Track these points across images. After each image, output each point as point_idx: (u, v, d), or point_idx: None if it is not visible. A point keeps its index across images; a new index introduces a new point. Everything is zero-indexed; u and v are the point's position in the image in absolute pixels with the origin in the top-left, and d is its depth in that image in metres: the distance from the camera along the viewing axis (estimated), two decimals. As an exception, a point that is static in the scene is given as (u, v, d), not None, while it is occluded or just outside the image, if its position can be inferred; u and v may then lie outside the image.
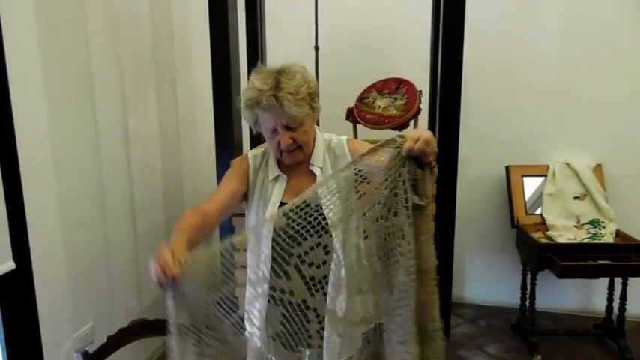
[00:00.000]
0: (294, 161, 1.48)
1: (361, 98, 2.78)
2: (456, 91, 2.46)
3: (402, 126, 2.58)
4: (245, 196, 1.54)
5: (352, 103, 2.79)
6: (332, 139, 1.53)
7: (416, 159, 1.18)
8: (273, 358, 1.48)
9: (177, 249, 1.17)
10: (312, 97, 1.43)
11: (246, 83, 1.45)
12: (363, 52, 3.18)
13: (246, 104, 1.41)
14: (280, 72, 1.40)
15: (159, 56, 2.83)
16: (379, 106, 2.69)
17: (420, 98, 2.61)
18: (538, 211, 3.02)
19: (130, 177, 2.51)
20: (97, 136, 2.22)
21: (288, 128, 1.41)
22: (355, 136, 2.85)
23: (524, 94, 3.13)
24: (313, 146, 1.49)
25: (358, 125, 2.81)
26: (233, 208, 1.57)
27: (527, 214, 3.02)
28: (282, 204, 1.46)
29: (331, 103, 3.00)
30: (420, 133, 1.19)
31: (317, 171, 1.48)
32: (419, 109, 2.61)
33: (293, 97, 1.36)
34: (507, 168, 3.09)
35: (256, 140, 1.52)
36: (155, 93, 2.80)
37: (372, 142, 1.35)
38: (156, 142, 2.80)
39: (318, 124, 1.56)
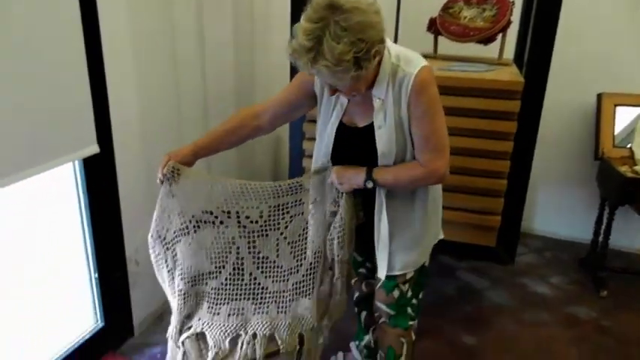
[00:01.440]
0: (348, 97, 1.45)
1: (446, 8, 2.60)
2: (554, 6, 2.24)
3: (489, 39, 2.41)
4: (309, 103, 1.58)
5: (435, 13, 2.62)
6: (399, 66, 1.37)
7: None
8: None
9: (178, 156, 1.53)
10: (364, 56, 1.24)
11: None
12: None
13: (289, 56, 1.29)
14: (328, 22, 1.20)
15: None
16: (465, 17, 2.52)
17: (511, 10, 2.41)
18: (628, 146, 2.79)
19: (204, 80, 2.53)
20: (173, 37, 2.24)
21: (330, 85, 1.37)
22: (435, 49, 2.71)
23: (626, 13, 2.80)
24: (377, 75, 1.38)
25: (440, 37, 2.65)
26: (290, 115, 1.64)
27: (614, 146, 2.81)
28: (340, 124, 1.50)
29: (412, 13, 2.86)
30: (334, 177, 1.50)
31: (377, 103, 1.41)
32: (509, 22, 2.42)
33: (330, 71, 1.25)
34: (599, 95, 2.85)
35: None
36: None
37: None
38: (229, 45, 2.78)
39: (396, 39, 1.45)
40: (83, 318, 2.08)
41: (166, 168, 1.49)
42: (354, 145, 1.49)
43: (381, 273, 1.59)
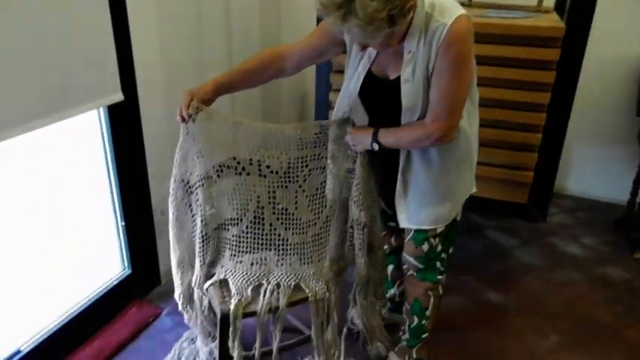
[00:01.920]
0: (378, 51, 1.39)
1: (483, -49, 2.45)
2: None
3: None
4: (336, 50, 1.53)
5: (472, -43, 2.48)
6: (433, 16, 1.27)
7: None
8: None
9: (200, 93, 1.46)
10: (399, 13, 1.17)
11: None
12: None
13: (317, 10, 1.22)
14: None
15: None
16: (503, -39, 2.36)
17: (554, -48, 2.25)
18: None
19: (228, 24, 2.46)
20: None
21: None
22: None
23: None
24: (410, 25, 1.28)
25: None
26: (316, 59, 1.61)
27: (658, 101, 2.66)
28: (370, 75, 1.44)
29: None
30: (349, 139, 1.53)
31: (407, 55, 1.33)
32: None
33: (362, 30, 1.18)
34: (645, 47, 2.68)
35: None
36: None
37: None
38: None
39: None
40: (111, 265, 2.11)
41: (190, 108, 1.45)
42: (381, 97, 1.45)
43: (402, 223, 1.58)
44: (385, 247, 1.89)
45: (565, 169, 3.08)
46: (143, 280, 2.21)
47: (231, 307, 1.48)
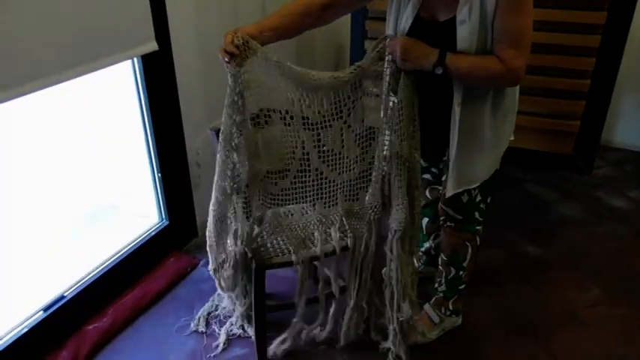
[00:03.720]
0: None
1: None
2: None
3: None
4: None
5: None
6: None
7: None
8: None
9: (243, 30, 1.31)
10: None
11: None
12: None
13: None
14: None
15: None
16: None
17: None
18: None
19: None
20: None
21: None
22: None
23: None
24: None
25: None
26: (356, 4, 1.52)
27: None
28: (417, 18, 1.36)
29: None
30: (397, 49, 1.32)
31: None
32: None
33: None
34: None
35: None
36: None
37: None
38: None
39: None
40: (149, 215, 2.15)
41: (236, 39, 1.28)
42: (429, 40, 1.34)
43: (449, 190, 1.50)
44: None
45: (613, 120, 2.93)
46: (180, 231, 2.24)
47: (265, 257, 1.48)
